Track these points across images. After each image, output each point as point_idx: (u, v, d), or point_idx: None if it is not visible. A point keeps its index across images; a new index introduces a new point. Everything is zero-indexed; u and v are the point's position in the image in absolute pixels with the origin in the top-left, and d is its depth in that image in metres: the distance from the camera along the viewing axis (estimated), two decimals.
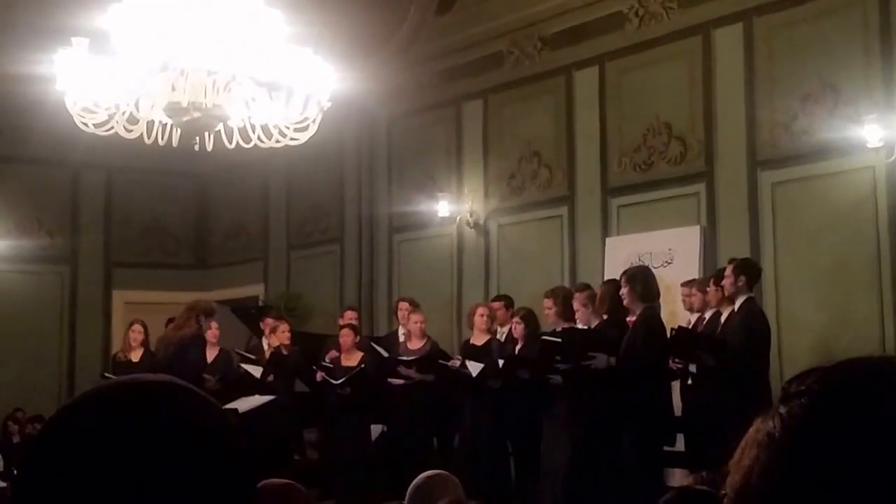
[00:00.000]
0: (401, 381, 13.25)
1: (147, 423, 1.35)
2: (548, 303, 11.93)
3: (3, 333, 18.00)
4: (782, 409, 1.30)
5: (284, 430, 13.85)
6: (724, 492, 1.34)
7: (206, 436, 1.39)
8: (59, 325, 18.96)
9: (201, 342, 12.48)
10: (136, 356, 14.04)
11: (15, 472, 12.70)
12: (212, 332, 14.13)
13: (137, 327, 14.27)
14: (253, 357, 14.18)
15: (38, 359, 18.36)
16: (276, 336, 14.19)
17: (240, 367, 14.06)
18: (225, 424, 1.43)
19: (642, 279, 10.73)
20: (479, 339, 13.00)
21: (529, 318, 12.29)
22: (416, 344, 13.51)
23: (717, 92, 13.06)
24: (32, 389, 17.60)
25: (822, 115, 11.95)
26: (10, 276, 18.27)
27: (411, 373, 13.15)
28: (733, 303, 10.73)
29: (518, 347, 12.21)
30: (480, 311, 13.19)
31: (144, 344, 14.18)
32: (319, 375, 13.57)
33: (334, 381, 13.31)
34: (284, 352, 14.12)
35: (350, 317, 14.64)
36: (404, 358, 13.26)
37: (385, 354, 13.60)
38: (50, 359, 18.63)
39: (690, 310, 11.78)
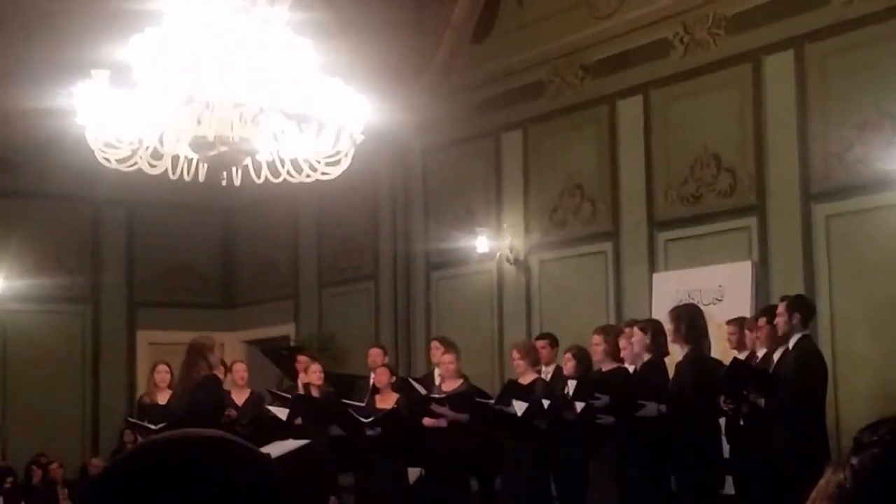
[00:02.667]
0: (434, 423, 12.96)
1: (196, 479, 1.37)
2: (597, 339, 11.65)
3: (24, 376, 17.84)
4: (854, 460, 1.30)
5: (318, 475, 13.48)
6: None
7: (254, 491, 1.40)
8: (81, 367, 18.74)
9: (215, 380, 12.22)
10: (163, 398, 13.61)
11: None
12: (239, 375, 13.96)
13: (163, 367, 13.88)
14: (288, 396, 13.87)
15: (60, 402, 18.14)
16: (307, 376, 13.93)
17: (268, 409, 13.77)
18: (274, 479, 1.44)
19: (688, 318, 10.73)
20: (525, 378, 12.54)
21: (581, 354, 11.98)
22: (450, 385, 13.17)
23: (767, 121, 12.80)
24: (55, 435, 17.45)
25: (880, 144, 11.71)
26: (29, 317, 18.05)
27: (445, 411, 12.84)
28: (787, 341, 10.43)
29: (570, 387, 11.80)
30: (514, 353, 12.79)
31: (172, 386, 13.80)
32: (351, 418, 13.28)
33: (364, 420, 13.05)
34: (315, 393, 13.89)
35: (375, 354, 14.34)
36: (436, 395, 12.97)
37: (422, 391, 13.31)
38: (72, 402, 18.42)
39: (738, 349, 11.46)
